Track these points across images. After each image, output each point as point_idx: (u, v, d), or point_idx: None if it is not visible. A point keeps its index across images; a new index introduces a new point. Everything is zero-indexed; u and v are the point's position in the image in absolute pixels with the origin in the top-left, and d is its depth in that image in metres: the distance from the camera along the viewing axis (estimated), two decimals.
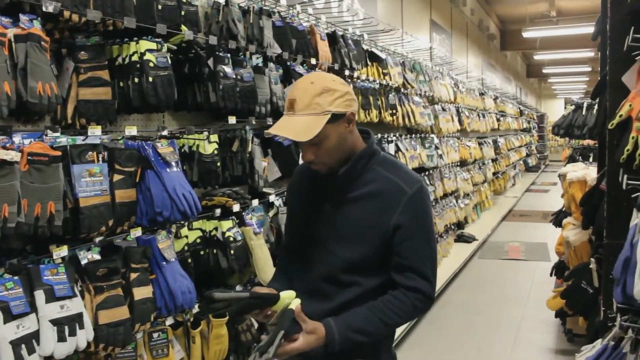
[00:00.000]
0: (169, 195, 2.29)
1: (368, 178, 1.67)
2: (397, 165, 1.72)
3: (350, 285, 1.66)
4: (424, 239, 1.65)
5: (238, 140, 2.95)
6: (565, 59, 17.15)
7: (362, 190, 1.66)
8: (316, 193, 1.75)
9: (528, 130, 18.93)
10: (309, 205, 1.76)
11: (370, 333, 1.62)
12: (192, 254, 2.65)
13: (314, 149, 1.62)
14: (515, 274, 6.86)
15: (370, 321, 1.61)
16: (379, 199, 1.64)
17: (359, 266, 1.65)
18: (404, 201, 1.62)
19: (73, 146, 2.04)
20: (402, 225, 1.62)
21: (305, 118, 1.57)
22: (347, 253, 1.64)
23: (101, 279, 2.07)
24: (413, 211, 1.63)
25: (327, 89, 1.59)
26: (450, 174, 7.68)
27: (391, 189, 1.64)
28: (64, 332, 1.88)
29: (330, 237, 1.67)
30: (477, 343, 4.65)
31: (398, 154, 5.51)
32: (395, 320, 1.63)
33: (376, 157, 1.70)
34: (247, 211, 2.99)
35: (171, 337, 2.53)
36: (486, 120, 10.48)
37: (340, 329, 1.59)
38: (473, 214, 9.31)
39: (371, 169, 1.68)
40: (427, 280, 1.64)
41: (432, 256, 1.67)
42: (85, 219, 2.02)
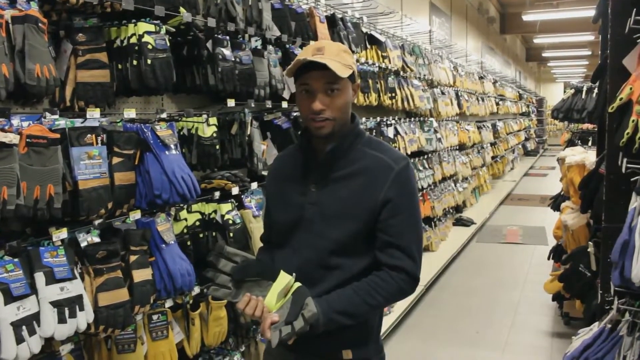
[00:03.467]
0: (168, 178, 2.28)
1: (353, 157, 1.67)
2: (382, 144, 1.73)
3: (338, 269, 1.63)
4: (411, 216, 1.64)
5: (237, 123, 2.95)
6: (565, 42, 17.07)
7: (347, 169, 1.65)
8: (299, 177, 1.72)
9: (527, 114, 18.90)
10: (292, 190, 1.73)
11: (354, 315, 1.59)
12: (191, 237, 2.65)
13: (328, 100, 1.61)
14: (513, 257, 6.89)
15: (354, 303, 1.59)
16: (366, 175, 1.63)
17: (348, 247, 1.63)
18: (391, 177, 1.62)
19: (72, 129, 2.03)
20: (389, 201, 1.61)
21: (335, 61, 1.58)
22: (336, 233, 1.62)
23: (101, 261, 2.08)
24: (401, 187, 1.63)
25: (348, 51, 1.67)
26: (449, 158, 7.68)
27: (378, 165, 1.64)
28: (64, 313, 1.89)
29: (317, 219, 1.65)
30: (475, 326, 4.68)
31: (397, 138, 5.51)
32: (380, 301, 1.61)
33: (361, 137, 1.71)
34: (246, 194, 3.00)
35: (170, 319, 2.54)
36: (485, 104, 10.46)
37: (323, 311, 1.56)
38: (471, 197, 9.33)
39: (356, 148, 1.68)
40: (412, 259, 1.62)
41: (418, 235, 1.66)
42: (85, 202, 2.02)
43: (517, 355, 4.15)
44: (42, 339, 1.85)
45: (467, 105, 8.78)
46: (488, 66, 12.92)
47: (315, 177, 1.69)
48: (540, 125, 22.63)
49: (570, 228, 4.12)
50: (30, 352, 1.80)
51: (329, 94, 1.61)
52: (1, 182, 1.72)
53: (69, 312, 1.91)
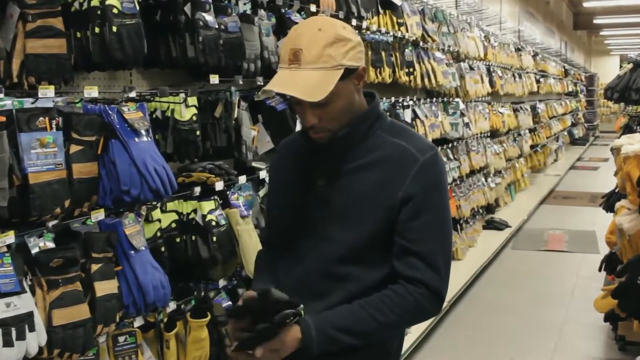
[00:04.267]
0: (137, 170, 2.28)
1: (370, 145, 1.66)
2: (407, 130, 1.72)
3: (348, 280, 1.63)
4: (437, 218, 1.63)
5: (221, 104, 2.94)
6: (622, 6, 16.99)
7: (363, 159, 1.65)
8: (306, 168, 1.74)
9: (574, 94, 18.85)
10: (298, 182, 1.75)
11: (359, 333, 1.58)
12: (166, 242, 2.65)
13: (318, 112, 1.61)
14: (556, 268, 6.89)
15: (359, 318, 1.58)
16: (384, 167, 1.63)
17: (361, 253, 1.63)
18: (414, 169, 1.61)
19: (20, 110, 2.02)
20: (411, 198, 1.59)
21: (314, 73, 1.55)
22: (347, 236, 1.62)
23: (56, 271, 2.07)
24: (426, 182, 1.61)
25: (339, 38, 1.57)
26: (479, 147, 7.67)
27: (399, 155, 1.63)
28: (10, 335, 1.89)
29: (325, 220, 1.66)
30: (510, 351, 4.68)
31: (415, 122, 5.50)
32: (392, 319, 1.59)
33: (381, 121, 1.70)
34: (232, 190, 2.99)
35: (140, 341, 2.54)
36: (523, 81, 10.43)
37: (319, 326, 1.56)
38: (506, 195, 9.31)
39: (374, 134, 1.68)
40: (435, 271, 1.60)
41: (445, 242, 1.65)
42: (36, 199, 2.01)
43: None
44: None
45: (501, 83, 8.76)
46: (527, 36, 12.88)
47: (324, 169, 1.69)
48: (591, 107, 22.58)
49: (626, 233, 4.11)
50: None
51: (319, 107, 1.59)
52: None
53: (17, 333, 1.90)
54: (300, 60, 1.56)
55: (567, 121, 17.15)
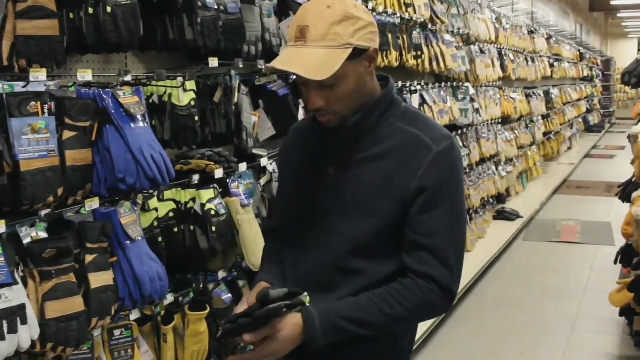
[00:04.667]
0: (133, 157, 2.27)
1: (383, 133, 1.66)
2: (422, 118, 1.71)
3: (358, 274, 1.64)
4: (450, 212, 1.62)
5: (221, 89, 2.93)
6: None
7: (374, 148, 1.64)
8: (316, 156, 1.74)
9: (590, 78, 18.79)
10: (306, 171, 1.76)
11: (367, 324, 1.59)
12: (163, 231, 2.65)
13: (325, 93, 1.60)
14: (569, 260, 6.90)
15: (366, 309, 1.59)
16: (395, 157, 1.62)
17: (370, 247, 1.63)
18: (427, 160, 1.60)
19: (10, 94, 2.02)
20: (423, 190, 1.59)
21: (320, 50, 1.54)
22: (355, 229, 1.63)
23: (48, 261, 2.07)
24: (439, 174, 1.60)
25: (348, 16, 1.56)
26: (489, 134, 7.65)
27: (412, 144, 1.62)
28: (1, 327, 1.89)
29: (334, 211, 1.66)
30: (520, 346, 4.70)
31: (423, 108, 5.49)
32: (400, 313, 1.59)
33: (395, 107, 1.69)
34: (232, 177, 2.99)
35: (137, 335, 2.55)
36: (536, 65, 10.40)
37: (323, 315, 1.57)
38: (517, 184, 9.32)
39: (387, 122, 1.67)
40: (446, 266, 1.60)
41: (458, 237, 1.64)
42: (28, 187, 2.01)
43: None
44: None
45: (513, 67, 8.73)
46: (540, 17, 12.82)
47: (335, 157, 1.69)
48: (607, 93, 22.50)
49: None
50: None
51: (325, 88, 1.59)
52: None
53: (8, 326, 1.90)
54: (306, 37, 1.56)
55: (582, 107, 17.10)
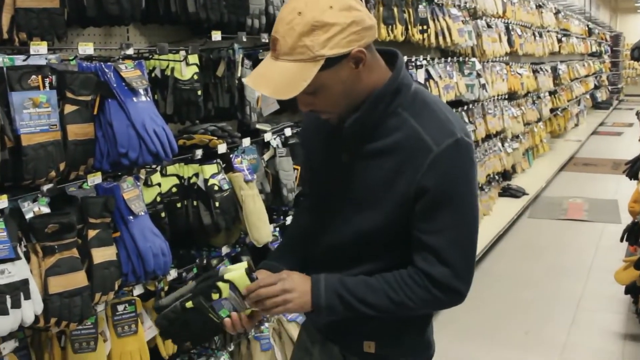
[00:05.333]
0: (136, 132, 2.28)
1: (390, 125, 1.61)
2: (427, 108, 1.63)
3: (366, 262, 1.68)
4: (455, 212, 1.58)
5: (224, 63, 2.93)
6: None
7: (381, 142, 1.61)
8: (332, 142, 1.71)
9: (598, 54, 18.67)
10: (324, 155, 1.75)
11: (369, 303, 1.61)
12: (166, 207, 2.66)
13: (310, 99, 1.57)
14: (575, 238, 6.90)
15: (371, 288, 1.61)
16: (397, 155, 1.59)
17: (377, 239, 1.65)
18: (427, 162, 1.56)
19: (11, 68, 2.01)
20: (426, 191, 1.56)
21: (289, 65, 1.49)
22: (361, 221, 1.65)
23: (51, 237, 2.08)
24: (442, 174, 1.56)
25: (318, 24, 1.46)
26: (496, 110, 7.62)
27: (412, 143, 1.58)
28: (5, 303, 1.90)
29: (346, 199, 1.68)
30: (524, 325, 4.71)
31: (429, 83, 5.46)
32: (403, 299, 1.61)
33: (402, 95, 1.61)
34: (236, 153, 2.99)
35: (140, 311, 2.56)
36: (544, 40, 10.32)
37: (328, 281, 1.62)
38: (523, 161, 9.30)
39: (395, 112, 1.61)
40: (448, 266, 1.59)
41: (464, 238, 1.61)
42: (30, 162, 2.01)
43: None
44: None
45: (520, 43, 8.67)
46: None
47: (347, 147, 1.67)
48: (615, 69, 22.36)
49: None
50: None
51: (309, 94, 1.55)
52: None
53: (12, 301, 1.92)
54: (277, 50, 1.50)
55: (590, 83, 17.01)
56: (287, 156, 3.28)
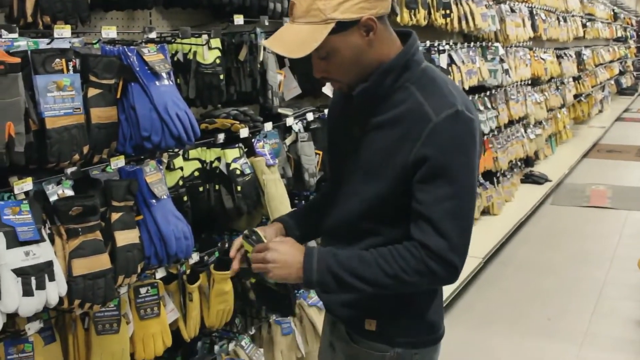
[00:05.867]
0: (159, 116, 2.28)
1: (398, 99, 1.66)
2: (433, 84, 1.67)
3: (371, 235, 1.71)
4: (451, 182, 1.60)
5: (246, 47, 2.92)
6: None
7: (387, 114, 1.67)
8: (346, 117, 1.80)
9: (624, 39, 18.42)
10: (340, 131, 1.83)
11: (363, 277, 1.63)
12: (188, 191, 2.67)
13: (323, 64, 1.65)
14: (598, 225, 6.85)
15: (364, 261, 1.63)
16: (400, 125, 1.64)
17: (381, 210, 1.69)
18: (426, 131, 1.59)
19: (35, 51, 2.02)
20: (424, 160, 1.59)
21: (303, 27, 1.58)
22: (367, 191, 1.69)
23: (75, 219, 2.09)
24: (440, 144, 1.59)
25: None
26: (519, 96, 7.57)
27: (414, 114, 1.62)
28: (30, 284, 1.92)
29: (354, 172, 1.73)
30: (546, 311, 4.69)
31: (452, 68, 5.43)
32: (396, 271, 1.61)
33: (411, 71, 1.67)
34: (258, 137, 2.99)
35: (163, 293, 2.58)
36: (568, 25, 10.21)
37: (321, 253, 1.66)
38: (546, 147, 9.24)
39: (403, 87, 1.66)
40: (444, 237, 1.60)
41: (459, 209, 1.62)
42: (54, 145, 2.03)
43: (599, 351, 4.16)
44: (4, 315, 1.89)
45: (544, 27, 8.59)
46: None
47: (357, 120, 1.74)
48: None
49: None
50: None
51: (322, 59, 1.64)
52: None
53: (37, 283, 1.94)
54: (293, 14, 1.60)
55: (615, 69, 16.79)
56: (309, 141, 3.28)
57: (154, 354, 2.54)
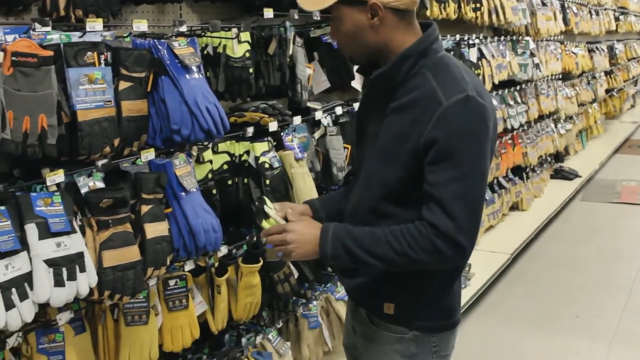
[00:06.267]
0: (188, 109, 2.29)
1: (413, 84, 1.73)
2: (448, 71, 1.74)
3: (389, 217, 1.78)
4: (458, 166, 1.66)
5: (275, 40, 2.92)
6: None
7: (402, 99, 1.74)
8: (370, 101, 1.93)
9: None
10: (364, 115, 1.95)
11: (373, 253, 1.72)
12: (217, 184, 2.68)
13: (334, 27, 1.81)
14: (629, 222, 6.76)
15: (376, 238, 1.72)
16: (414, 109, 1.71)
17: (398, 192, 1.77)
18: (437, 114, 1.66)
19: (68, 44, 2.04)
20: (434, 142, 1.66)
21: None
22: (385, 174, 1.78)
23: (106, 211, 2.11)
24: (449, 127, 1.65)
25: None
26: (549, 90, 7.50)
27: (427, 98, 1.69)
28: (61, 275, 1.94)
29: (373, 155, 1.82)
30: (575, 308, 4.64)
31: (481, 62, 5.38)
32: (405, 248, 1.69)
33: (427, 58, 1.75)
34: (287, 131, 2.99)
35: (191, 286, 2.60)
36: (600, 19, 10.08)
37: (336, 228, 1.77)
38: (577, 143, 9.15)
39: (419, 73, 1.74)
40: (451, 218, 1.65)
41: (468, 190, 1.67)
42: (85, 137, 2.04)
43: (629, 349, 4.11)
44: (36, 304, 1.91)
45: (576, 21, 8.48)
46: None
47: (377, 106, 1.83)
48: None
49: None
50: (22, 320, 1.87)
51: (334, 20, 1.79)
52: None
53: (68, 274, 1.95)
54: None
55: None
56: (338, 135, 3.27)
57: (182, 345, 2.56)
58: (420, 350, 1.86)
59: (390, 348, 1.87)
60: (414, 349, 1.86)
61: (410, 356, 1.86)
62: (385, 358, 1.89)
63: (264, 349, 3.00)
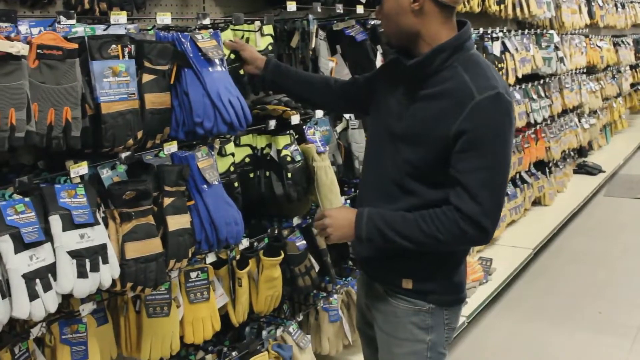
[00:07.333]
0: (211, 102, 2.29)
1: (444, 76, 1.87)
2: (479, 67, 1.88)
3: (412, 193, 1.93)
4: (487, 155, 1.81)
5: (298, 33, 2.92)
6: None
7: (434, 88, 1.87)
8: (394, 88, 2.01)
9: None
10: (389, 95, 2.03)
11: (404, 235, 1.88)
12: (239, 177, 2.68)
13: (380, 7, 1.92)
14: None
15: (406, 221, 1.88)
16: (445, 100, 1.84)
17: (423, 173, 1.91)
18: (469, 107, 1.79)
19: (92, 37, 2.04)
20: (464, 133, 1.80)
21: None
22: (411, 154, 1.91)
23: (128, 203, 2.12)
24: (479, 120, 1.79)
25: None
26: (573, 84, 7.44)
27: (459, 91, 1.82)
28: (84, 266, 1.95)
29: (400, 135, 1.95)
30: (597, 305, 4.61)
31: (505, 56, 5.35)
32: (434, 234, 1.85)
33: (461, 53, 1.88)
34: (309, 124, 2.99)
35: (212, 278, 2.61)
36: (626, 12, 9.96)
37: (370, 212, 1.93)
38: (601, 137, 9.08)
39: (451, 66, 1.87)
40: (477, 203, 1.80)
41: (493, 179, 1.82)
42: (109, 129, 2.05)
43: None
44: (59, 295, 1.93)
45: (602, 14, 8.40)
46: None
47: (406, 91, 1.95)
48: None
49: None
50: (46, 311, 1.88)
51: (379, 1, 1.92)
52: (8, 103, 1.75)
53: (91, 265, 1.97)
54: None
55: None
56: (360, 128, 3.27)
57: (203, 337, 2.58)
58: (435, 323, 2.03)
59: (409, 320, 2.03)
60: (429, 321, 2.02)
61: (426, 328, 2.03)
62: (403, 330, 2.04)
63: (284, 341, 3.01)
